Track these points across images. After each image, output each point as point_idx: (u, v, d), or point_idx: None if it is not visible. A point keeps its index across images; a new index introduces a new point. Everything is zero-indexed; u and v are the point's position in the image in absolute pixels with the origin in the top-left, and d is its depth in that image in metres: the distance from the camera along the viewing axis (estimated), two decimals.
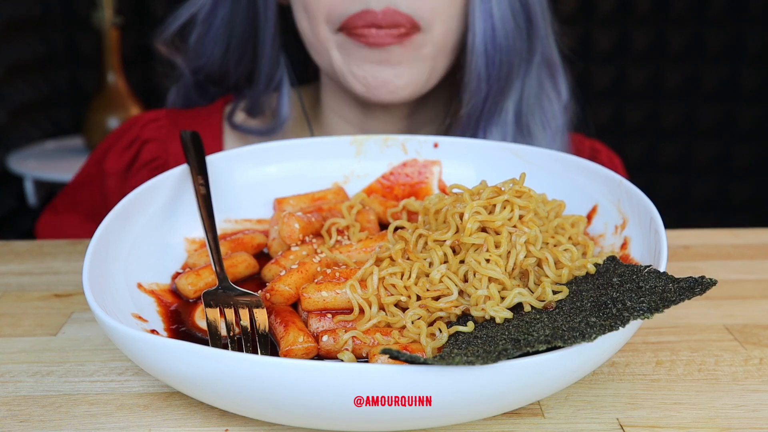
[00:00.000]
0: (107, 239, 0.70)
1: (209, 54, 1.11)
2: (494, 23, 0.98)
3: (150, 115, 1.17)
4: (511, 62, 1.00)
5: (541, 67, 1.05)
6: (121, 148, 1.14)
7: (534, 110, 1.05)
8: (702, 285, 0.60)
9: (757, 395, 0.64)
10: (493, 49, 0.99)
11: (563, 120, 1.09)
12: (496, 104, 1.02)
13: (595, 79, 2.87)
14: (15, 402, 0.63)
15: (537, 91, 1.05)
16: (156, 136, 1.13)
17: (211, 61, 1.11)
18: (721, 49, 2.79)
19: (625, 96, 2.89)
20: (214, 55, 1.10)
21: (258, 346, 0.64)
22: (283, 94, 1.09)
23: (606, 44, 2.84)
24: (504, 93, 1.02)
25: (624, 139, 2.93)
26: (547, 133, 1.06)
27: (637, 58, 2.85)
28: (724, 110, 2.85)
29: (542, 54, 1.05)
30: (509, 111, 1.03)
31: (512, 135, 1.04)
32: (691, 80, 2.83)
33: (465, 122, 1.03)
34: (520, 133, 1.05)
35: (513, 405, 0.58)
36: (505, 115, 1.03)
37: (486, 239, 0.67)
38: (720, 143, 2.88)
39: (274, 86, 1.10)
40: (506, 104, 1.02)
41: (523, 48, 1.02)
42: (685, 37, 2.80)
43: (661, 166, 2.94)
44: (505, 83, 1.01)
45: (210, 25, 1.09)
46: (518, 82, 1.02)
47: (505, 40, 0.99)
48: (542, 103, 1.06)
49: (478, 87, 1.00)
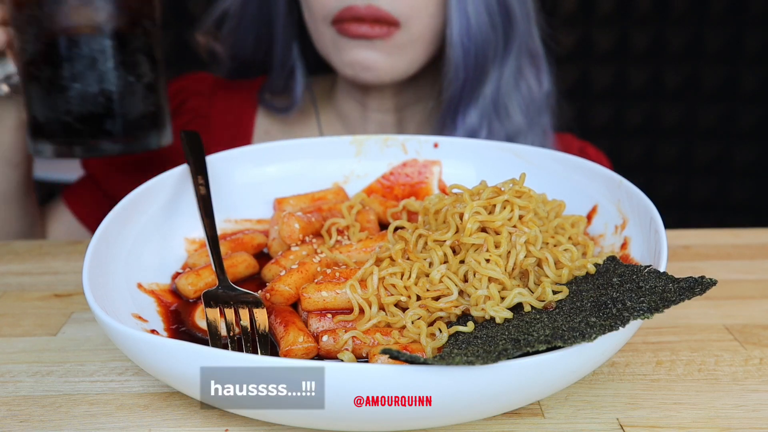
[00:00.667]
0: (107, 239, 0.70)
1: (242, 43, 1.25)
2: (469, 19, 1.10)
3: (197, 75, 1.31)
4: (486, 54, 1.12)
5: (522, 56, 1.17)
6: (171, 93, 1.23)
7: (512, 94, 1.17)
8: (702, 285, 0.60)
9: (757, 395, 0.64)
10: (469, 42, 1.11)
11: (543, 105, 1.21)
12: (474, 90, 1.14)
13: (595, 79, 2.86)
14: (15, 402, 0.63)
15: (516, 77, 1.17)
16: (202, 90, 1.28)
17: (244, 48, 1.25)
18: (721, 49, 2.79)
19: (625, 96, 2.89)
20: (247, 43, 1.25)
21: (258, 346, 0.64)
22: (297, 77, 1.23)
23: (606, 44, 2.83)
24: (481, 79, 1.14)
25: (624, 139, 2.92)
26: (526, 116, 1.18)
27: (637, 58, 2.84)
28: (724, 110, 2.84)
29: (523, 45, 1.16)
30: (487, 96, 1.15)
31: (490, 116, 1.16)
32: (691, 80, 2.83)
33: (446, 106, 1.16)
34: (498, 115, 1.16)
35: (513, 405, 0.58)
36: (483, 99, 1.15)
37: (486, 239, 0.67)
38: (720, 143, 2.88)
39: (287, 70, 1.23)
40: (484, 90, 1.15)
41: (498, 41, 1.13)
42: (685, 37, 2.80)
43: (661, 166, 2.93)
44: (481, 72, 1.13)
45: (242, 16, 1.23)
46: (495, 70, 1.14)
47: (480, 34, 1.11)
48: (520, 88, 1.18)
49: (456, 75, 1.12)
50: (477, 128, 1.15)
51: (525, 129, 1.17)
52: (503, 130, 1.15)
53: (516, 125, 1.16)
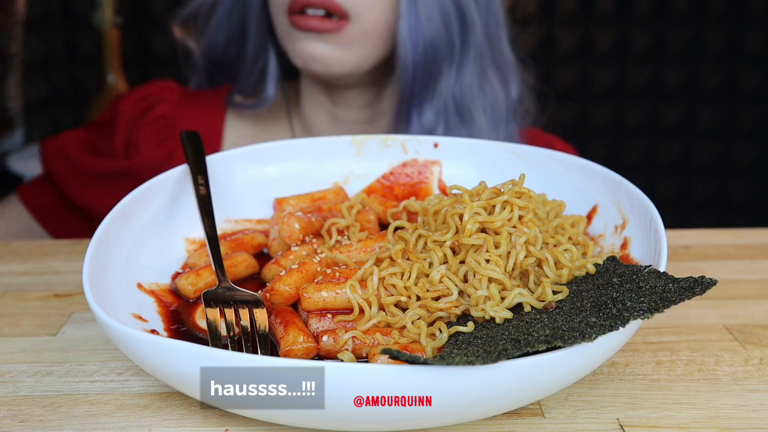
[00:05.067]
0: (107, 239, 0.70)
1: (215, 39, 1.25)
2: (419, 16, 1.11)
3: (163, 82, 1.31)
4: (437, 52, 1.13)
5: (485, 61, 1.18)
6: (137, 98, 1.26)
7: (476, 98, 1.18)
8: (702, 285, 0.60)
9: (757, 395, 0.64)
10: (418, 38, 1.12)
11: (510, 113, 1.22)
12: (426, 88, 1.15)
13: (595, 79, 2.86)
14: (15, 402, 0.63)
15: (479, 81, 1.18)
16: (169, 98, 1.27)
17: (216, 46, 1.26)
18: (721, 49, 2.79)
19: (625, 96, 2.89)
20: (219, 40, 1.25)
21: (258, 346, 0.64)
22: (268, 76, 1.24)
23: (606, 44, 2.83)
24: (434, 77, 1.15)
25: (624, 139, 2.92)
26: (489, 120, 1.18)
27: (637, 58, 2.84)
28: (724, 110, 2.84)
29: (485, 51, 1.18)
30: (447, 96, 1.16)
31: (448, 116, 1.17)
32: (691, 80, 2.83)
33: (399, 101, 1.18)
34: (461, 117, 1.18)
35: (513, 405, 0.58)
36: (440, 99, 1.16)
37: (486, 240, 0.66)
38: (720, 143, 2.88)
39: (259, 68, 1.24)
40: (439, 89, 1.15)
41: (454, 41, 1.14)
42: (685, 37, 2.79)
43: (661, 166, 2.93)
44: (432, 69, 1.14)
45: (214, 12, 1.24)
46: (451, 70, 1.15)
47: (430, 31, 1.12)
48: (485, 92, 1.19)
49: (405, 70, 1.14)
50: (433, 126, 1.16)
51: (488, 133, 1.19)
52: (465, 132, 1.17)
53: (480, 128, 1.18)
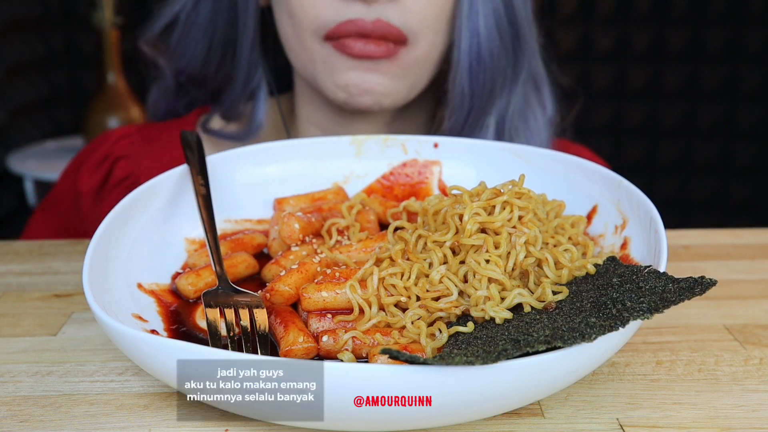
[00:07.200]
0: (107, 239, 0.70)
1: (191, 55, 1.09)
2: (480, 41, 0.97)
3: (121, 131, 1.16)
4: (495, 79, 1.00)
5: (527, 82, 1.05)
6: (93, 166, 1.12)
7: (518, 125, 1.04)
8: (702, 285, 0.60)
9: (757, 395, 0.64)
10: (478, 67, 0.98)
11: (547, 134, 1.08)
12: (478, 120, 1.02)
13: (595, 79, 2.87)
14: (15, 402, 0.63)
15: (522, 107, 1.05)
16: (128, 152, 1.11)
17: (192, 62, 1.10)
18: (721, 49, 2.79)
19: (625, 96, 2.89)
20: (196, 56, 1.09)
21: (258, 346, 0.64)
22: (259, 99, 1.08)
23: (606, 44, 2.83)
24: (486, 110, 1.02)
25: (624, 139, 2.93)
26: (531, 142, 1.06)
27: (637, 58, 2.85)
28: (724, 110, 2.85)
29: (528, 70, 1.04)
30: (490, 126, 1.02)
31: None
32: (691, 80, 2.83)
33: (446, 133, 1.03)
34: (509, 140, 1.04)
35: (513, 405, 0.58)
36: (486, 130, 1.02)
37: (485, 240, 0.67)
38: (720, 143, 2.88)
39: (250, 91, 1.08)
40: (488, 120, 1.02)
41: (508, 65, 1.01)
42: (685, 37, 2.80)
43: (661, 166, 2.94)
44: (487, 100, 1.01)
45: (192, 24, 1.08)
46: (502, 98, 1.02)
47: (490, 57, 0.98)
48: (527, 119, 1.05)
49: (461, 103, 1.00)
50: None
51: None
52: None
53: None
